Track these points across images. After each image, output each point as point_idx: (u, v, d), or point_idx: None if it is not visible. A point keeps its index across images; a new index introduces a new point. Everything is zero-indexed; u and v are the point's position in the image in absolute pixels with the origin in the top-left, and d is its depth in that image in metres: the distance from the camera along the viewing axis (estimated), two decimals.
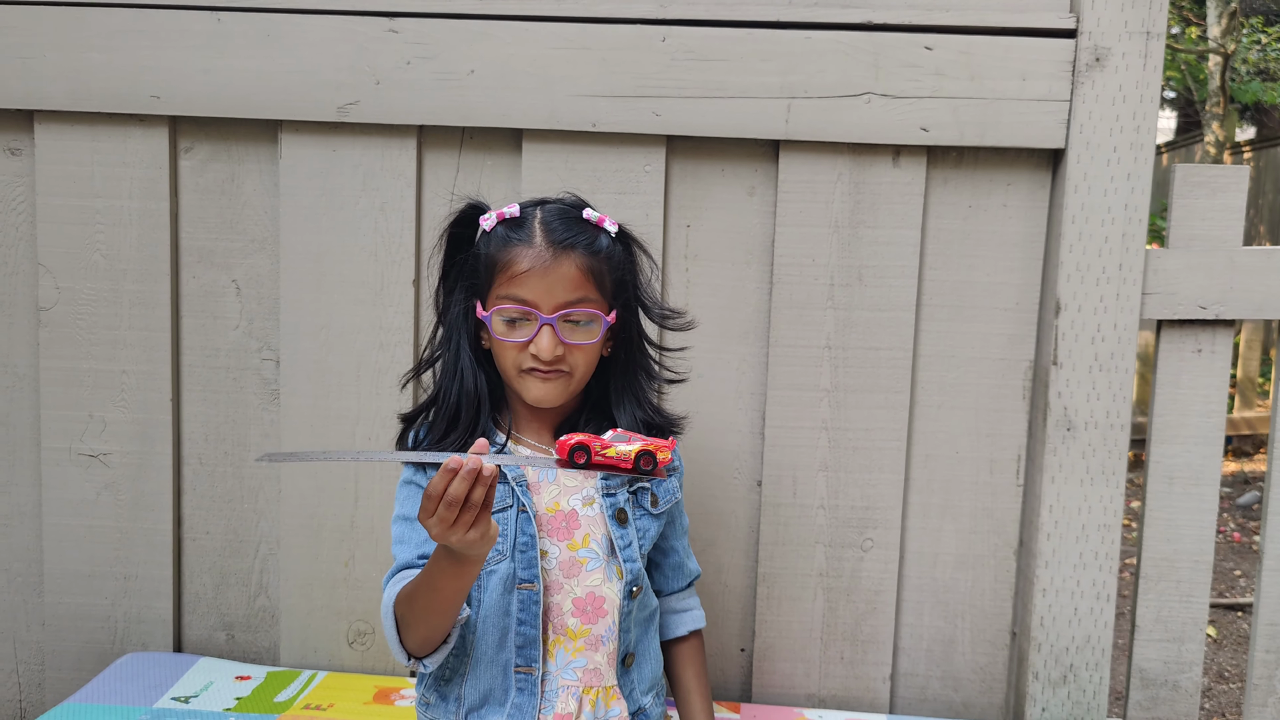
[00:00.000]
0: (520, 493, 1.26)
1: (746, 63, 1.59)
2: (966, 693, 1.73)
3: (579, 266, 1.23)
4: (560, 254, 1.23)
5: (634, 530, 1.30)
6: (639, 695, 1.32)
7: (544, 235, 1.24)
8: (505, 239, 1.25)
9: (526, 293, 1.22)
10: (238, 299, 1.72)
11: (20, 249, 1.72)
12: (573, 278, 1.23)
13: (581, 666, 1.26)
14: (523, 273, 1.22)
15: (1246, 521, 4.63)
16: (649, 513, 1.33)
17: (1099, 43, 1.56)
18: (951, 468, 1.69)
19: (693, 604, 1.45)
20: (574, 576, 1.27)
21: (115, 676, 1.65)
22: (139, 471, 1.74)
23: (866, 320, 1.66)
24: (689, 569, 1.44)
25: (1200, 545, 1.66)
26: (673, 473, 1.37)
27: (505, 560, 1.25)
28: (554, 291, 1.22)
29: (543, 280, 1.22)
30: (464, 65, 1.61)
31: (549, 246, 1.23)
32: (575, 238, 1.24)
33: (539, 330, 1.22)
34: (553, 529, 1.27)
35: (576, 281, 1.23)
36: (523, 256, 1.22)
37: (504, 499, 1.26)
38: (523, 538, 1.25)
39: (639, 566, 1.29)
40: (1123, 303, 1.59)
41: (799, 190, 1.64)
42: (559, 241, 1.23)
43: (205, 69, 1.63)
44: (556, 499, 1.28)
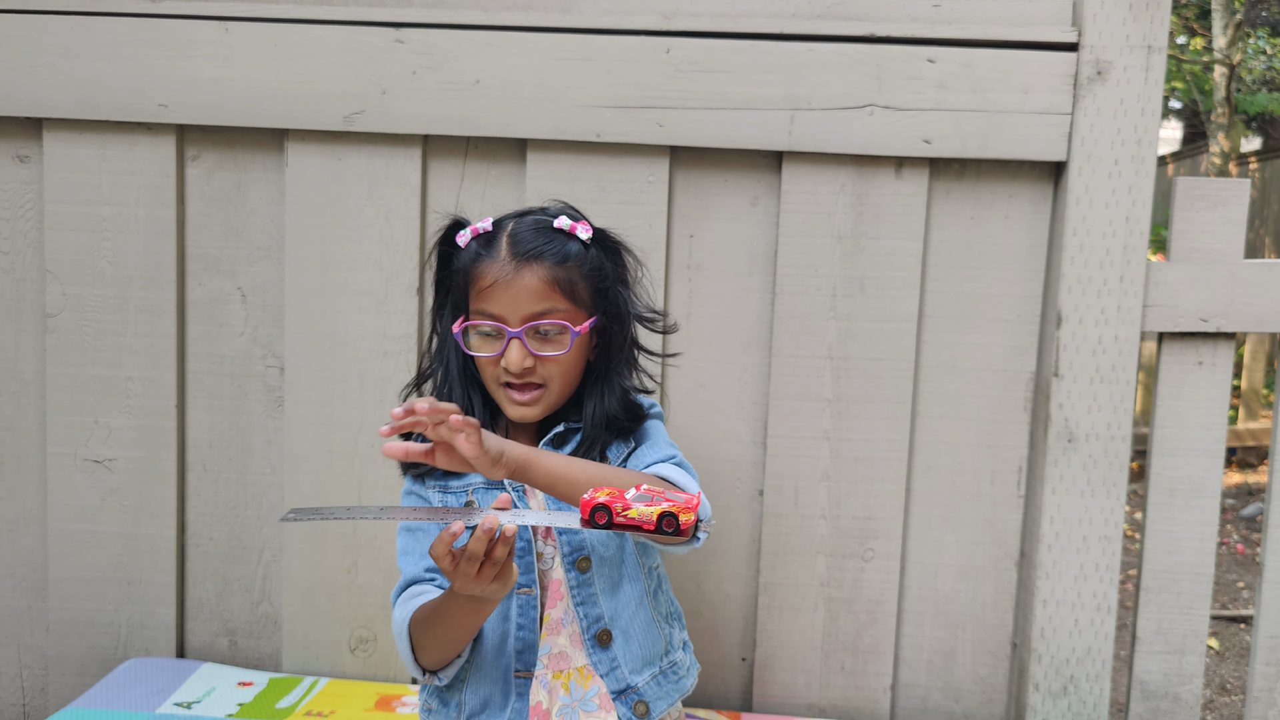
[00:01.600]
0: (517, 498, 1.26)
1: (750, 74, 1.60)
2: (967, 704, 1.73)
3: (542, 278, 1.24)
4: (523, 266, 1.23)
5: None
6: (626, 674, 1.27)
7: (509, 249, 1.25)
8: (475, 254, 1.27)
9: (494, 307, 1.24)
10: (243, 306, 1.73)
11: (28, 255, 1.74)
12: (537, 289, 1.23)
13: (546, 653, 1.25)
14: (488, 287, 1.23)
15: (1250, 533, 4.62)
16: None
17: (1100, 56, 1.57)
18: (953, 479, 1.70)
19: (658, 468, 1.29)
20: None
21: (118, 682, 1.65)
22: (143, 478, 1.75)
23: (869, 331, 1.66)
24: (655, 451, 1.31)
25: (1201, 557, 1.67)
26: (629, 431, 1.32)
27: None
28: (519, 304, 1.23)
29: (507, 293, 1.23)
30: (469, 75, 1.62)
31: (512, 259, 1.24)
32: (541, 248, 1.24)
33: (507, 344, 1.23)
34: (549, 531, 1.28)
35: (541, 293, 1.24)
36: (488, 271, 1.24)
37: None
38: (520, 543, 1.25)
39: (580, 538, 1.28)
40: (1124, 315, 1.60)
41: (802, 201, 1.65)
42: (523, 254, 1.24)
43: (213, 78, 1.64)
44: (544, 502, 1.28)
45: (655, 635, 1.32)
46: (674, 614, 1.40)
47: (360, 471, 1.72)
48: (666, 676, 1.32)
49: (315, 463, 1.72)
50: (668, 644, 1.34)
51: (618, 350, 1.32)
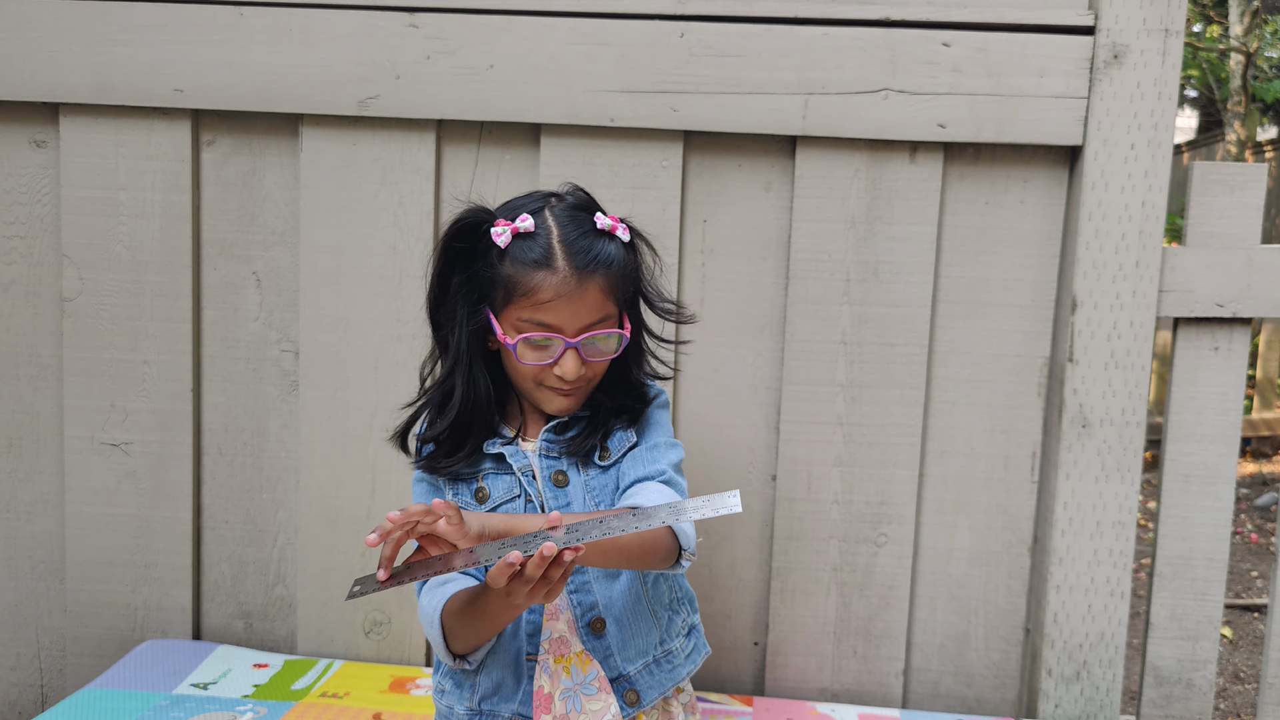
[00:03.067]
0: (527, 483, 1.26)
1: (764, 59, 1.60)
2: (979, 688, 1.73)
3: (601, 288, 1.22)
4: (585, 278, 1.20)
5: (581, 490, 1.27)
6: (619, 662, 1.27)
7: (567, 258, 1.20)
8: (524, 260, 1.20)
9: (551, 318, 1.20)
10: (258, 291, 1.73)
11: (45, 240, 1.75)
12: (597, 301, 1.22)
13: (547, 637, 1.25)
14: (548, 301, 1.19)
15: (1264, 523, 4.60)
16: (599, 466, 1.29)
17: (1117, 40, 1.56)
18: (966, 464, 1.69)
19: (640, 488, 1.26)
20: None
21: (135, 663, 1.67)
22: (159, 461, 1.76)
23: (882, 316, 1.66)
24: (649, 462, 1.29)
25: (1215, 544, 1.66)
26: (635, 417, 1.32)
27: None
28: (579, 315, 1.21)
29: (568, 306, 1.20)
30: (483, 60, 1.62)
31: (573, 272, 1.20)
32: (598, 257, 1.21)
33: (564, 354, 1.21)
34: None
35: (600, 304, 1.22)
36: (547, 284, 1.19)
37: (511, 489, 1.26)
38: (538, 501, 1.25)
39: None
40: (1139, 300, 1.59)
41: (816, 186, 1.64)
42: (584, 265, 1.20)
43: (228, 63, 1.65)
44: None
45: (650, 624, 1.30)
46: (679, 599, 1.37)
47: (374, 455, 1.73)
48: (660, 665, 1.31)
49: (330, 446, 1.73)
50: (664, 633, 1.32)
51: (635, 343, 1.32)
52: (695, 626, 1.39)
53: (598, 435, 1.29)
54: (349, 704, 1.56)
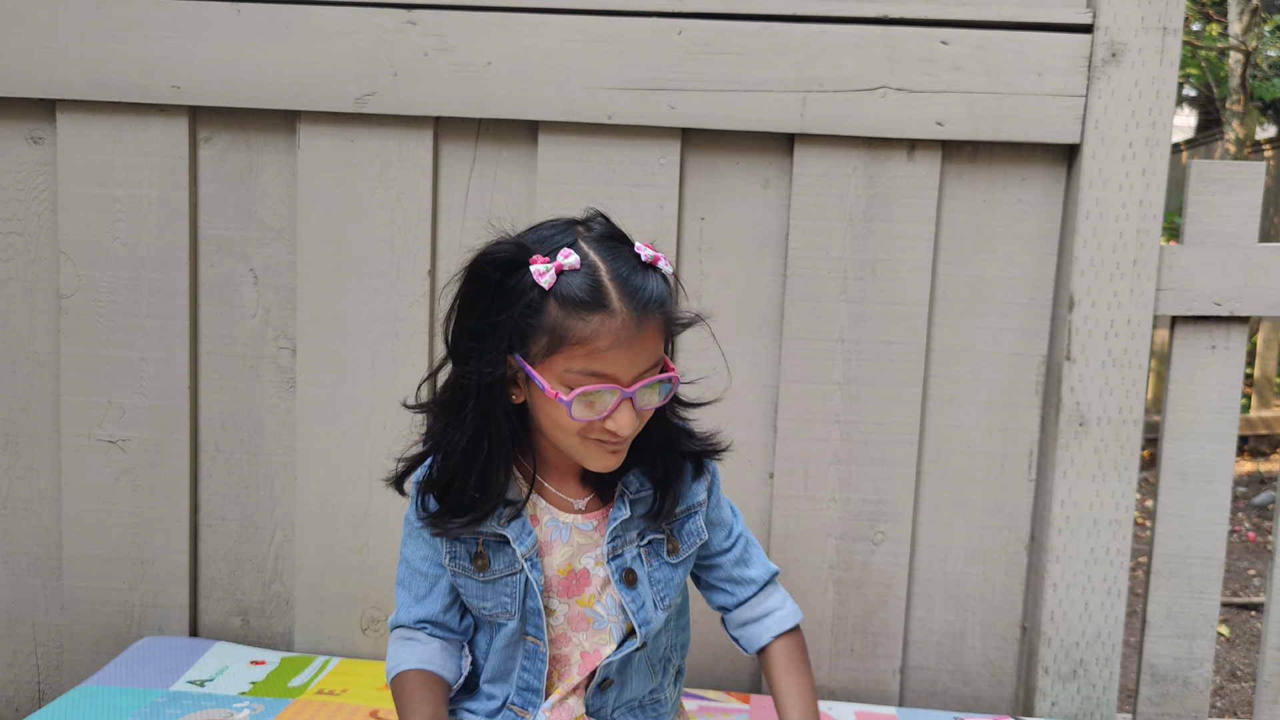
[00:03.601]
0: (528, 567, 1.19)
1: (762, 56, 1.60)
2: (976, 686, 1.74)
3: (658, 329, 1.09)
4: (645, 321, 1.07)
5: (647, 587, 1.21)
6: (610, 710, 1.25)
7: (623, 298, 1.06)
8: (574, 302, 1.05)
9: (608, 367, 1.06)
10: (255, 288, 1.73)
11: (42, 236, 1.74)
12: (654, 344, 1.09)
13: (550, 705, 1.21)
14: (606, 350, 1.05)
15: (1262, 521, 4.61)
16: (668, 562, 1.22)
17: (1115, 38, 1.56)
18: (963, 462, 1.70)
19: (768, 606, 1.30)
20: (581, 630, 1.22)
21: (132, 660, 1.67)
22: (156, 458, 1.76)
23: (880, 314, 1.66)
24: (745, 579, 1.29)
25: (1212, 542, 1.66)
26: (695, 510, 1.24)
27: (513, 620, 1.20)
28: (636, 362, 1.08)
29: (627, 353, 1.06)
30: (481, 57, 1.62)
31: (632, 314, 1.06)
32: (653, 295, 1.08)
33: (618, 405, 1.08)
34: (563, 589, 1.21)
35: (656, 346, 1.10)
36: (605, 330, 1.05)
37: (511, 565, 1.19)
38: (531, 602, 1.20)
39: (652, 627, 1.21)
40: (1136, 298, 1.59)
41: (813, 184, 1.64)
42: (642, 307, 1.07)
43: (225, 60, 1.65)
44: (569, 560, 1.21)
45: (647, 677, 1.28)
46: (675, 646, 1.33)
47: (372, 452, 1.72)
48: (645, 710, 1.29)
49: (327, 443, 1.73)
50: (658, 682, 1.29)
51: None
52: (681, 670, 1.36)
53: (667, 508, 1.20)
54: (346, 701, 1.56)
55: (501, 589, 1.20)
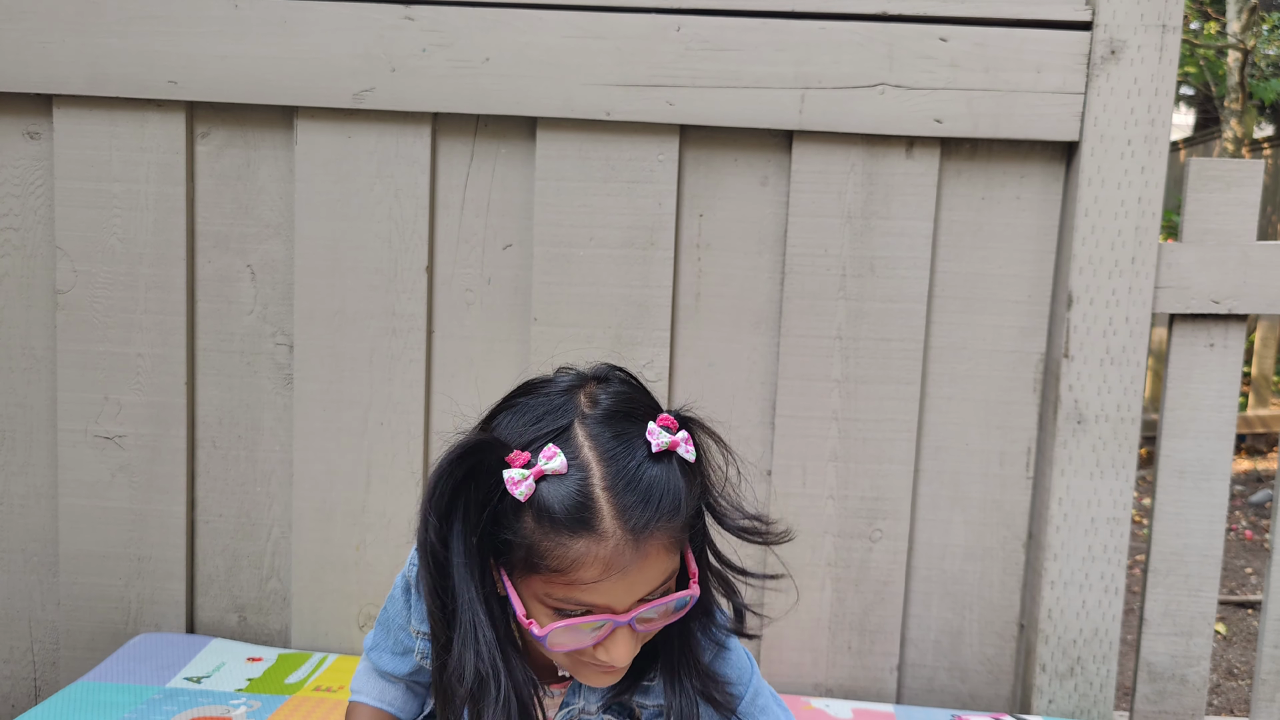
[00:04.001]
0: None
1: (761, 52, 1.60)
2: (973, 684, 1.74)
3: (665, 547, 0.90)
4: (644, 542, 0.88)
5: None
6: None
7: (618, 519, 0.88)
8: (555, 522, 0.88)
9: (598, 599, 0.89)
10: (252, 284, 1.73)
11: (38, 232, 1.74)
12: (659, 566, 0.91)
13: None
14: (594, 581, 0.88)
15: (1259, 519, 4.61)
16: None
17: (1114, 35, 1.56)
18: (961, 459, 1.69)
19: None
20: None
21: (128, 656, 1.66)
22: (153, 454, 1.75)
23: (878, 311, 1.66)
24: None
25: (1210, 540, 1.66)
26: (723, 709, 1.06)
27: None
28: (634, 589, 0.90)
29: (622, 582, 0.89)
30: (479, 53, 1.62)
31: (628, 536, 0.88)
32: (660, 506, 0.89)
33: (612, 633, 0.91)
34: None
35: (662, 567, 0.91)
36: (592, 558, 0.87)
37: None
38: None
39: None
40: (1135, 296, 1.59)
41: (812, 181, 1.64)
42: (642, 527, 0.88)
43: (222, 55, 1.64)
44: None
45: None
46: None
47: (369, 448, 1.72)
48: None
49: (324, 440, 1.72)
50: None
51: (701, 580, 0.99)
52: None
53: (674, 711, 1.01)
54: (343, 698, 1.56)
55: None
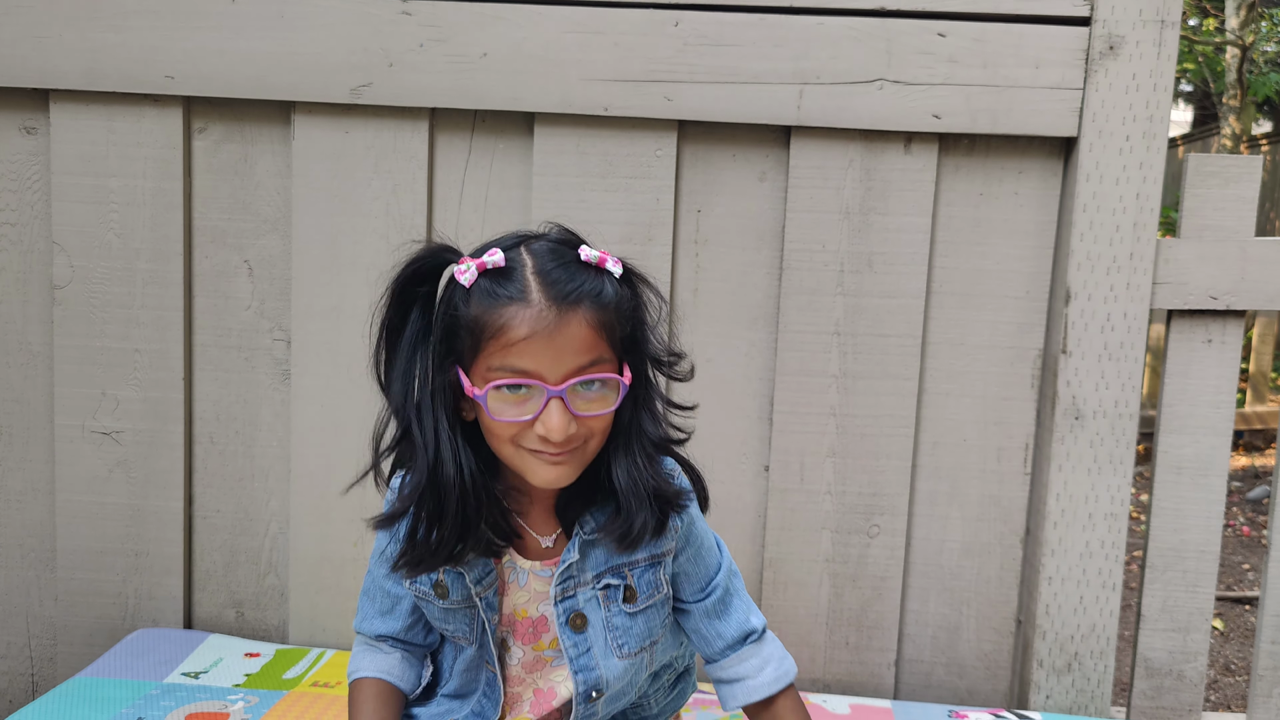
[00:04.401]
0: (484, 607, 1.15)
1: (759, 48, 1.59)
2: (971, 679, 1.74)
3: (589, 324, 1.02)
4: (567, 311, 1.01)
5: (602, 631, 1.15)
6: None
7: (543, 290, 1.01)
8: (493, 296, 1.01)
9: (528, 362, 1.00)
10: (250, 279, 1.73)
11: (35, 227, 1.74)
12: (583, 339, 1.01)
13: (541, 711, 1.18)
14: (522, 339, 1.00)
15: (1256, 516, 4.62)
16: (625, 611, 1.16)
17: (1113, 31, 1.56)
18: (959, 455, 1.69)
19: (737, 673, 1.19)
20: (537, 671, 1.19)
21: (126, 652, 1.66)
22: (151, 449, 1.75)
23: (876, 307, 1.66)
24: (716, 634, 1.20)
25: (1207, 535, 1.66)
26: (658, 560, 1.16)
27: (473, 644, 1.18)
28: (562, 358, 1.01)
29: (548, 346, 1.00)
30: (477, 48, 1.61)
31: (550, 304, 1.00)
32: (579, 289, 1.02)
33: (546, 405, 1.01)
34: (519, 633, 1.17)
35: (588, 342, 1.02)
36: (519, 319, 1.00)
37: (468, 600, 1.15)
38: (490, 633, 1.17)
39: (597, 674, 1.15)
40: (1133, 292, 1.59)
41: (810, 176, 1.64)
42: (562, 297, 1.01)
43: (219, 50, 1.64)
44: (525, 605, 1.17)
45: (631, 695, 1.23)
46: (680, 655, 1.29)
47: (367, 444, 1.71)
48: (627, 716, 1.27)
49: (322, 435, 1.72)
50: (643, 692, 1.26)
51: (645, 402, 1.11)
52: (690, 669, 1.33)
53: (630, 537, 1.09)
54: (340, 693, 1.56)
55: (461, 617, 1.17)
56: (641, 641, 1.17)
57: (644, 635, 1.17)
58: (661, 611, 1.18)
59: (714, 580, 1.21)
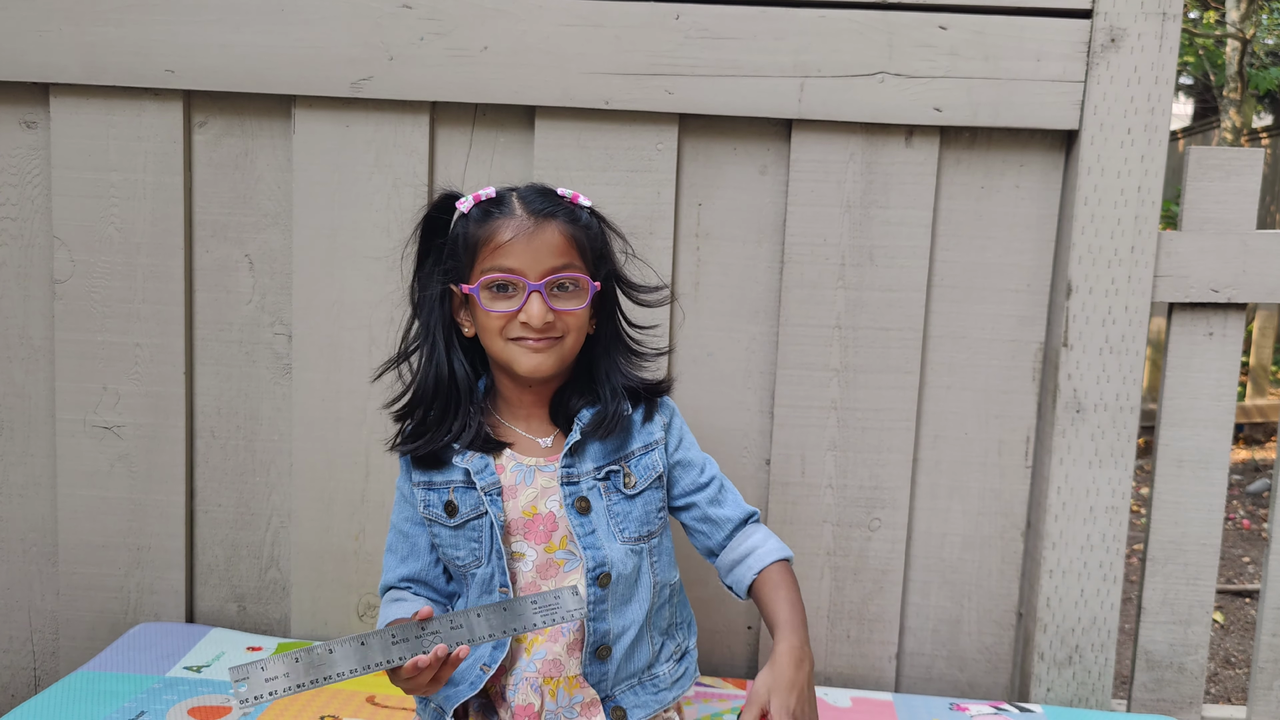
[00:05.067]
0: (489, 503, 1.25)
1: (760, 41, 1.59)
2: (972, 672, 1.74)
3: (562, 233, 1.24)
4: (542, 221, 1.24)
5: (604, 516, 1.28)
6: (610, 685, 1.26)
7: (524, 207, 1.25)
8: (485, 214, 1.25)
9: (512, 261, 1.22)
10: (250, 274, 1.73)
11: (36, 222, 1.74)
12: (557, 244, 1.23)
13: (541, 658, 1.25)
14: (506, 242, 1.22)
15: (1256, 509, 4.62)
16: (624, 494, 1.29)
17: (1114, 23, 1.55)
18: (960, 449, 1.70)
19: (748, 546, 1.34)
20: (550, 578, 1.26)
21: (128, 646, 1.66)
22: (152, 444, 1.75)
23: (877, 300, 1.66)
24: (720, 519, 1.35)
25: (1208, 528, 1.67)
26: (651, 447, 1.33)
27: (484, 565, 1.27)
28: (540, 258, 1.22)
29: (528, 247, 1.22)
30: (477, 42, 1.61)
31: (530, 216, 1.24)
32: (554, 208, 1.26)
33: (528, 297, 1.22)
34: (530, 532, 1.27)
35: (561, 248, 1.24)
36: (505, 227, 1.23)
37: (476, 507, 1.26)
38: (498, 546, 1.25)
39: (603, 554, 1.26)
40: (1134, 285, 1.59)
41: (811, 170, 1.64)
42: (539, 211, 1.24)
43: (220, 43, 1.64)
44: (534, 502, 1.27)
45: (645, 650, 1.30)
46: (678, 624, 1.38)
47: (368, 438, 1.72)
48: (644, 687, 1.30)
49: (323, 429, 1.72)
50: (655, 658, 1.32)
51: (617, 321, 1.33)
52: (689, 652, 1.39)
53: (617, 422, 1.29)
54: (342, 687, 1.56)
55: (470, 534, 1.27)
56: (639, 528, 1.30)
57: (641, 520, 1.30)
58: (656, 496, 1.32)
59: (708, 470, 1.38)
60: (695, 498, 1.36)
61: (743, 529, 1.36)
